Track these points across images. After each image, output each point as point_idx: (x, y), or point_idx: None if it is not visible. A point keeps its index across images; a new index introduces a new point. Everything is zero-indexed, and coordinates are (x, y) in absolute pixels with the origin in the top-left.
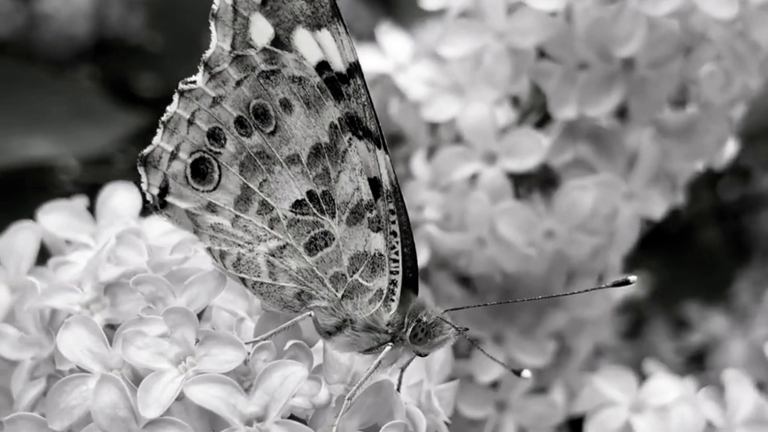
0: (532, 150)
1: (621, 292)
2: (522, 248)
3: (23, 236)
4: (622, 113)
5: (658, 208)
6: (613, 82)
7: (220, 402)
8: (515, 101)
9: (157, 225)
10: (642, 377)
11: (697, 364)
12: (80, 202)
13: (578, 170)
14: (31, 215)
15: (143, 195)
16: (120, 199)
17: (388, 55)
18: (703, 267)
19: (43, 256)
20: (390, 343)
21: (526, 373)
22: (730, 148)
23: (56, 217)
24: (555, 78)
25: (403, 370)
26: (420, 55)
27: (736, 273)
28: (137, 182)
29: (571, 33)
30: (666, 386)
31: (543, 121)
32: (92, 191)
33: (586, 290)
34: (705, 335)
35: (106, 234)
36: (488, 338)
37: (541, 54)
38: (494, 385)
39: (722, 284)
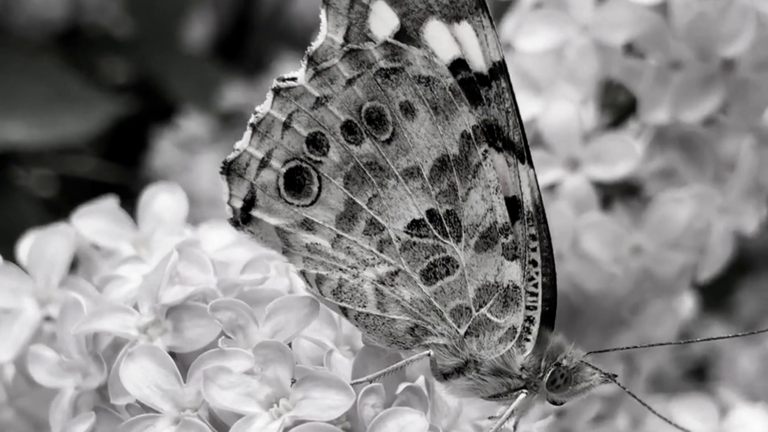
0: (623, 157)
1: (689, 308)
2: (607, 265)
3: (56, 242)
4: (709, 119)
5: (751, 222)
6: (712, 84)
7: None
8: None
9: (216, 235)
10: None
11: (697, 375)
12: (112, 202)
13: (663, 180)
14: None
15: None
16: (163, 202)
17: None
18: None
19: None
20: (524, 390)
21: None
22: None
23: (93, 222)
24: (647, 78)
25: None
26: None
27: (738, 281)
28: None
29: (667, 28)
30: (750, 418)
31: (618, 121)
32: (64, 184)
33: (751, 332)
34: (705, 346)
35: (155, 243)
36: None
37: (628, 50)
38: (560, 413)
39: (723, 293)
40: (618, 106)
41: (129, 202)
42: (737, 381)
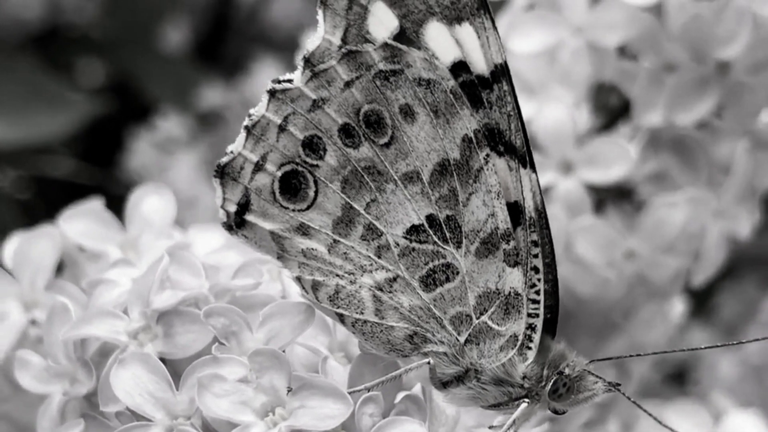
0: (617, 160)
1: (679, 313)
2: (601, 270)
3: (41, 244)
4: (704, 122)
5: (745, 226)
6: (706, 86)
7: None
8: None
9: (205, 239)
10: None
11: (677, 380)
12: (97, 203)
13: (656, 183)
14: None
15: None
16: (152, 204)
17: None
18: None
19: None
20: (525, 400)
21: None
22: None
23: (79, 224)
24: (641, 80)
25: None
26: None
27: (719, 284)
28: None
29: (662, 30)
30: (745, 424)
31: (610, 123)
32: (39, 185)
33: (755, 340)
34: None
35: (143, 246)
36: None
37: (621, 52)
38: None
39: (703, 296)
40: (611, 109)
41: (105, 203)
42: (718, 386)
